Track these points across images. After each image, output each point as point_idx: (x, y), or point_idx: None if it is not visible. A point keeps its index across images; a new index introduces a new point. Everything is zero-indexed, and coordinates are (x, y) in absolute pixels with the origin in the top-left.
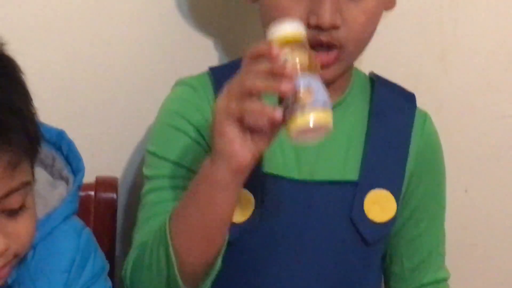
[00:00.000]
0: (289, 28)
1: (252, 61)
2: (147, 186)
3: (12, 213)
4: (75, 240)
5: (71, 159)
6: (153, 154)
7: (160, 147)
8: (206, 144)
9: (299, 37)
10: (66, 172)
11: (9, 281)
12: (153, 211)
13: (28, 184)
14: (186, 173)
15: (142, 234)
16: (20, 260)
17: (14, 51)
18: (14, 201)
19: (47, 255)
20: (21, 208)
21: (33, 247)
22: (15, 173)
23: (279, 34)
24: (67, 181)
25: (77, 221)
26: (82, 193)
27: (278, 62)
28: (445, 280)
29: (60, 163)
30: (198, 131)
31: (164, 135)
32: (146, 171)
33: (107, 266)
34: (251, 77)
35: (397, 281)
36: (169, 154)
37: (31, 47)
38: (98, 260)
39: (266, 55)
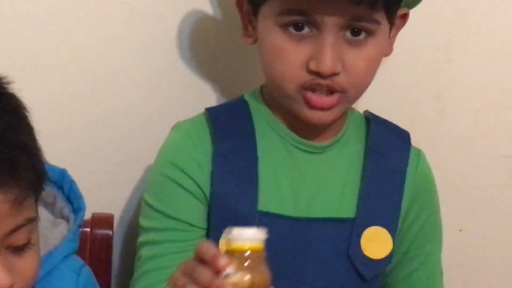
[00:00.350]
0: (249, 240)
1: (199, 261)
2: (142, 237)
3: (18, 250)
4: (74, 280)
5: (72, 198)
6: (150, 206)
7: (157, 199)
8: (203, 195)
9: (257, 250)
10: (67, 211)
11: None
12: (148, 266)
13: (33, 220)
14: (182, 226)
15: None
16: None
17: (18, 90)
18: (20, 238)
19: None
20: (27, 244)
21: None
22: (21, 209)
23: (235, 243)
24: (67, 220)
25: (76, 260)
26: None
27: (218, 279)
28: None
29: (61, 202)
30: (195, 182)
31: (160, 187)
32: (142, 221)
33: None
34: (191, 285)
35: None
36: (165, 207)
37: (32, 86)
38: None
39: (210, 264)
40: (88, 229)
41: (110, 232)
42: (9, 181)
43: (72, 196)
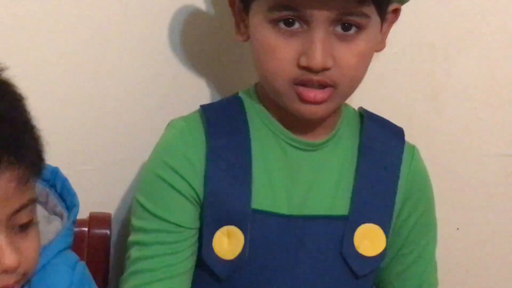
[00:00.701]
0: None
1: None
2: (133, 236)
3: (22, 230)
4: (69, 274)
5: (65, 196)
6: (140, 205)
7: (148, 199)
8: (196, 196)
9: None
10: (60, 208)
11: None
12: (135, 267)
13: (35, 201)
14: (172, 228)
15: None
16: (24, 283)
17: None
18: (23, 217)
19: (42, 284)
20: (30, 224)
21: (29, 281)
22: (25, 189)
23: None
24: (61, 217)
25: (71, 255)
26: (75, 229)
27: None
28: None
29: (53, 200)
30: (187, 183)
31: (152, 187)
32: (133, 220)
33: None
34: None
35: None
36: (155, 208)
37: (27, 86)
38: None
39: None
40: (86, 229)
41: (108, 232)
42: (15, 160)
43: (65, 194)
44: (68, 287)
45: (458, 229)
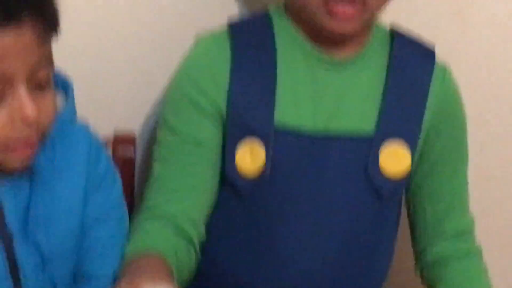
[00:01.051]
0: None
1: None
2: (156, 149)
3: (41, 88)
4: (87, 135)
5: (56, 79)
6: (166, 121)
7: (173, 116)
8: (219, 114)
9: None
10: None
11: (34, 166)
12: (156, 184)
13: (52, 60)
14: (194, 147)
15: (143, 210)
16: (42, 141)
17: None
18: (42, 75)
19: (65, 148)
20: (46, 86)
21: (51, 142)
22: (46, 43)
23: None
24: None
25: (82, 122)
26: None
27: None
28: (469, 232)
29: None
30: (212, 100)
31: (178, 104)
32: (159, 132)
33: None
34: None
35: (421, 233)
36: (180, 126)
37: None
38: (108, 157)
39: None
40: (110, 149)
41: (132, 152)
42: (39, 14)
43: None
44: (89, 145)
45: (481, 150)
